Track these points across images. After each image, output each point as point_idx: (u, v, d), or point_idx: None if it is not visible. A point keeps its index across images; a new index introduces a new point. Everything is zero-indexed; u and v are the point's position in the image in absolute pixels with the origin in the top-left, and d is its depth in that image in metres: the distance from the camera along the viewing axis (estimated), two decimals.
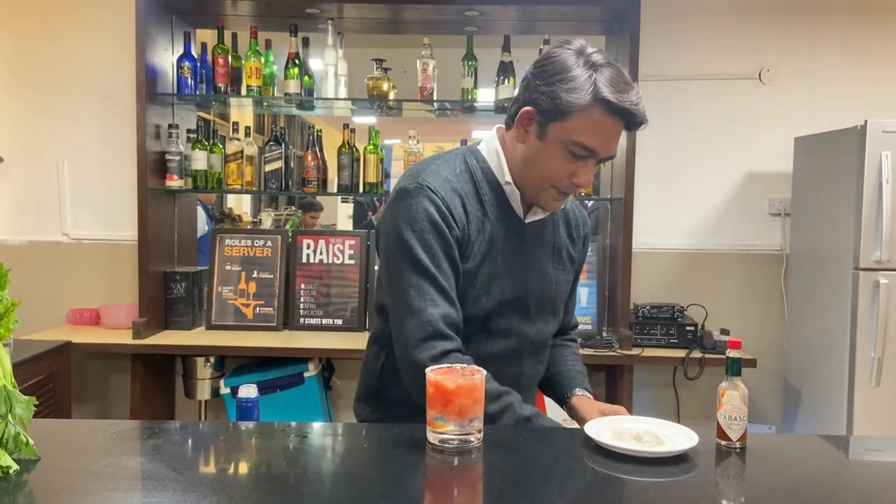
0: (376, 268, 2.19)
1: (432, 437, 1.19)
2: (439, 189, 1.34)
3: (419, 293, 1.31)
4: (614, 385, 2.96)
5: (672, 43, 3.14)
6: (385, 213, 1.41)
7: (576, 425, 1.44)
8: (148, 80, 2.84)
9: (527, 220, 1.45)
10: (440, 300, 1.31)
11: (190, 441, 1.29)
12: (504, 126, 1.44)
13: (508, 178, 1.41)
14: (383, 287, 1.42)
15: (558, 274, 1.51)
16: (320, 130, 3.13)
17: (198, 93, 3.00)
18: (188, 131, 3.05)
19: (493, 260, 1.40)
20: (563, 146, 1.31)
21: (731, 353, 1.24)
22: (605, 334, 2.98)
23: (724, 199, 3.18)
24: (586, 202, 3.43)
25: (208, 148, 3.02)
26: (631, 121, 1.31)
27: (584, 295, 3.03)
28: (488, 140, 1.46)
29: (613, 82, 1.28)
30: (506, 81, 2.92)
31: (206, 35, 3.30)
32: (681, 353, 2.78)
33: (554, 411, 2.87)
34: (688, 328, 2.84)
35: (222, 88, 2.98)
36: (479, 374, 1.22)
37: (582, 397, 1.51)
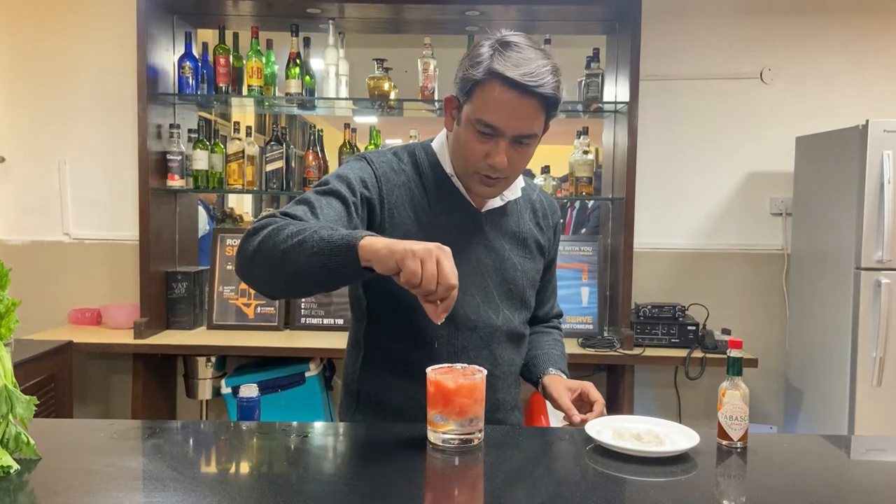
0: None
1: (433, 436, 1.19)
2: (381, 161, 1.40)
3: (297, 202, 1.28)
4: (615, 385, 2.95)
5: (673, 42, 3.14)
6: None
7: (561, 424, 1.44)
8: (149, 80, 2.84)
9: (483, 210, 1.45)
10: (298, 208, 1.26)
11: (191, 441, 1.29)
12: None
13: (450, 169, 1.43)
14: None
15: (524, 262, 1.50)
16: (321, 130, 3.13)
17: (199, 93, 3.00)
18: (189, 131, 3.05)
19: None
20: (471, 126, 1.32)
21: (733, 353, 1.24)
22: (606, 334, 2.98)
23: (725, 198, 3.18)
24: (587, 202, 3.43)
25: (209, 148, 3.02)
26: (534, 95, 1.27)
27: (585, 294, 3.03)
28: (440, 134, 1.47)
29: (512, 57, 1.27)
30: None
31: (208, 35, 3.30)
32: (682, 353, 2.77)
33: (555, 411, 2.87)
34: (689, 328, 2.84)
35: (223, 88, 2.98)
36: (479, 374, 1.22)
37: (553, 376, 1.51)
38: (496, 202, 1.46)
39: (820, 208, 2.82)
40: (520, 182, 1.50)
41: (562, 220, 1.64)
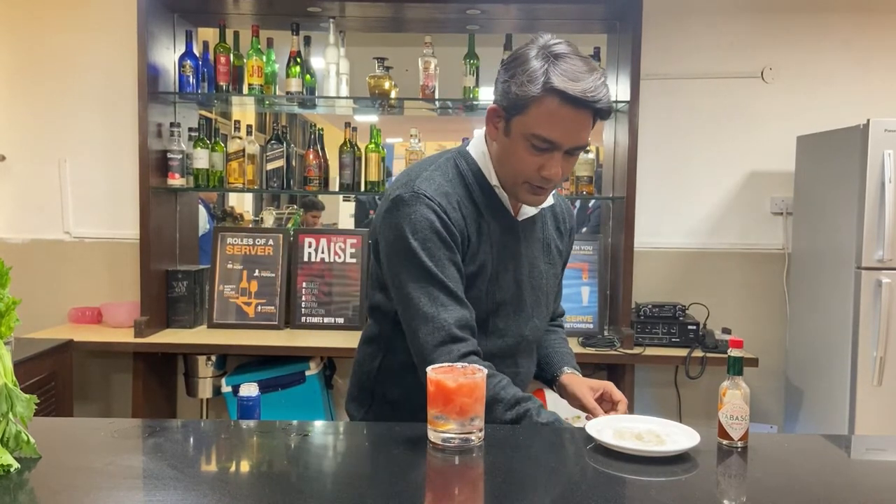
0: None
1: (433, 435, 1.19)
2: (435, 196, 1.35)
3: (430, 299, 1.32)
4: (616, 384, 2.92)
5: (674, 41, 3.13)
6: (382, 221, 1.39)
7: (582, 423, 1.44)
8: (150, 78, 2.84)
9: (519, 219, 1.46)
10: (451, 304, 1.32)
11: (191, 439, 1.29)
12: None
13: (495, 180, 1.42)
14: (393, 298, 1.40)
15: (549, 269, 1.53)
16: (322, 129, 3.13)
17: (199, 91, 3.00)
18: (190, 130, 3.05)
19: (493, 261, 1.42)
20: (525, 140, 1.31)
21: (733, 353, 1.24)
22: (606, 333, 2.97)
23: (725, 197, 3.18)
24: (587, 201, 3.43)
25: (210, 146, 3.02)
26: (590, 109, 1.28)
27: (586, 294, 3.03)
28: (476, 142, 1.46)
29: (568, 71, 1.26)
30: None
31: (208, 34, 3.29)
32: (682, 353, 2.77)
33: (557, 409, 2.87)
34: (689, 327, 2.84)
35: (224, 87, 2.97)
36: (479, 373, 1.22)
37: (571, 375, 1.54)
38: (531, 211, 1.46)
39: (821, 208, 2.82)
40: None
41: (587, 216, 1.67)
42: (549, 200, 1.49)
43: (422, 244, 1.32)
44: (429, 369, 1.21)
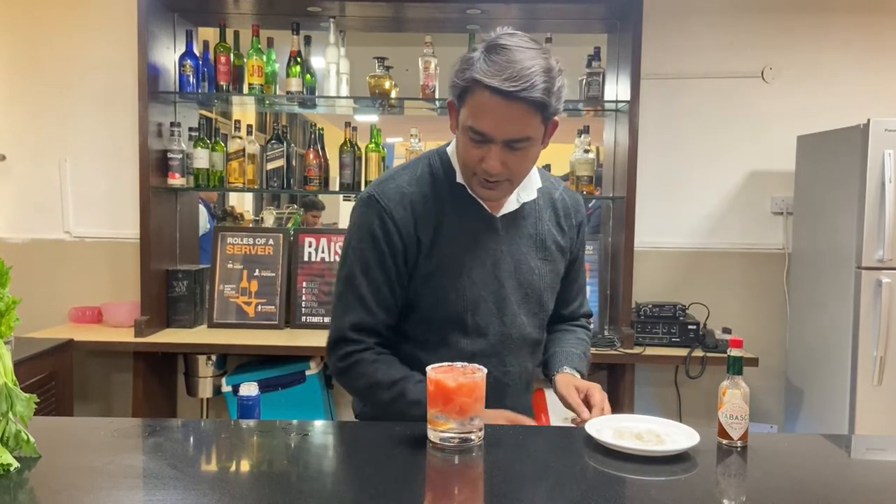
0: None
1: (433, 435, 1.19)
2: (388, 198, 1.40)
3: (340, 302, 1.43)
4: (616, 384, 2.95)
5: (675, 41, 3.13)
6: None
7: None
8: (150, 78, 2.84)
9: (499, 214, 1.44)
10: (355, 308, 1.41)
11: (191, 439, 1.29)
12: None
13: (460, 175, 1.42)
14: None
15: (543, 265, 1.49)
16: (322, 129, 3.13)
17: (200, 91, 3.00)
18: (190, 129, 3.05)
19: (459, 258, 1.41)
20: (465, 132, 1.32)
21: (733, 352, 1.24)
22: (606, 333, 2.97)
23: (726, 197, 3.18)
24: (588, 201, 3.43)
25: (210, 146, 3.02)
26: (522, 101, 1.24)
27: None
28: (455, 138, 1.46)
29: (497, 62, 1.24)
30: None
31: (209, 33, 3.29)
32: (682, 352, 2.77)
33: (556, 409, 2.87)
34: (689, 327, 2.84)
35: (224, 87, 2.97)
36: (479, 373, 1.22)
37: (565, 374, 1.49)
38: (512, 205, 1.45)
39: (821, 207, 2.82)
40: (535, 182, 1.48)
41: (585, 216, 1.60)
42: (531, 194, 1.46)
43: (357, 246, 1.41)
44: (428, 369, 1.22)
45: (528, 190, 1.46)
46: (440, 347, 1.42)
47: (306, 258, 3.11)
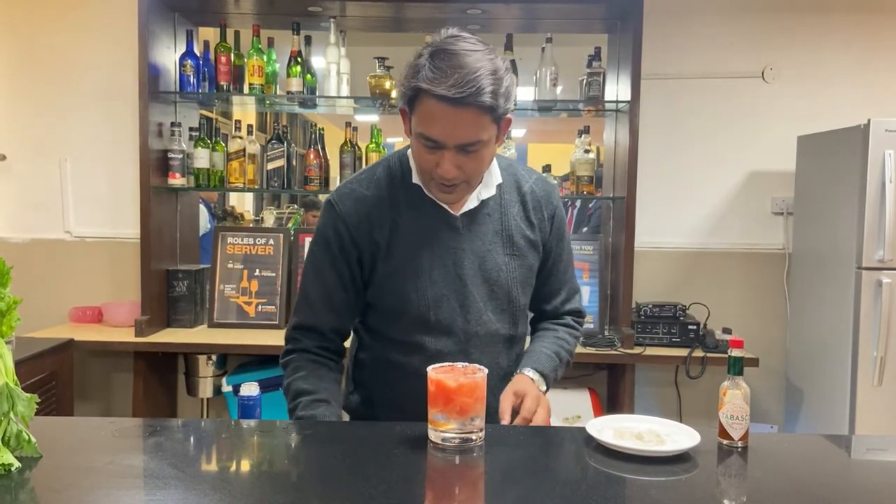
0: None
1: (434, 435, 1.19)
2: (344, 203, 1.43)
3: (297, 303, 1.51)
4: (616, 384, 2.96)
5: (675, 41, 3.13)
6: None
7: (580, 424, 1.45)
8: (150, 78, 2.84)
9: (460, 212, 1.44)
10: (302, 309, 1.49)
11: (192, 439, 1.29)
12: None
13: (416, 177, 1.43)
14: None
15: (510, 261, 1.47)
16: (322, 129, 3.13)
17: (200, 91, 3.00)
18: (190, 129, 3.05)
19: (417, 258, 1.41)
20: (417, 138, 1.33)
21: (734, 352, 1.24)
22: (606, 333, 2.97)
23: (726, 197, 3.18)
24: (588, 201, 3.43)
25: (211, 146, 3.02)
26: (470, 105, 1.23)
27: (586, 294, 3.03)
28: None
29: (440, 68, 1.24)
30: None
31: (209, 33, 3.30)
32: (683, 352, 2.77)
33: (556, 409, 2.87)
34: (690, 327, 2.84)
35: (225, 86, 2.97)
36: (480, 373, 1.22)
37: (521, 375, 1.46)
38: (472, 203, 1.44)
39: (821, 208, 2.82)
40: (495, 178, 1.47)
41: (560, 207, 1.56)
42: (490, 190, 1.45)
43: (312, 249, 1.47)
44: (429, 369, 1.22)
45: (488, 186, 1.46)
46: (407, 346, 1.44)
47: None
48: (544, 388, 1.46)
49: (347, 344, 1.56)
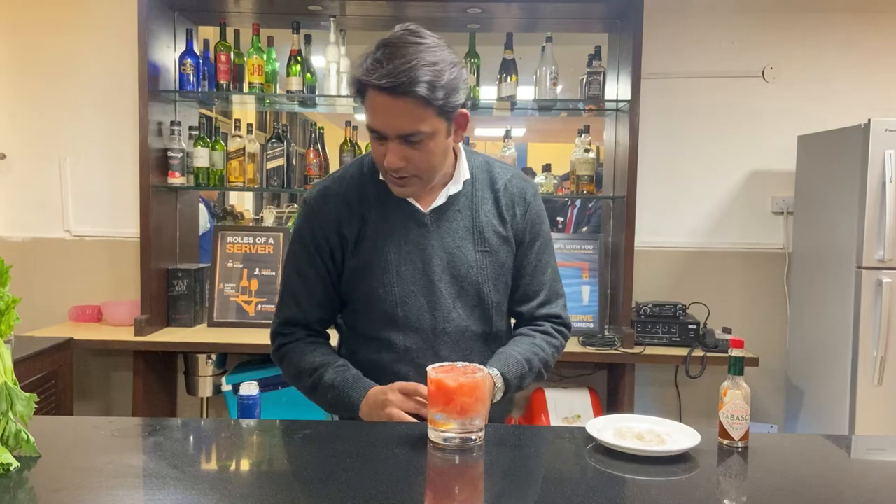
0: None
1: (434, 435, 1.19)
2: (316, 200, 1.47)
3: (278, 300, 1.55)
4: (616, 383, 2.95)
5: (675, 41, 3.13)
6: None
7: (580, 424, 1.44)
8: (150, 76, 2.84)
9: (429, 209, 1.44)
10: (288, 304, 1.51)
11: (191, 438, 1.29)
12: None
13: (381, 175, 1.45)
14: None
15: (482, 257, 1.45)
16: (322, 128, 3.13)
17: (200, 90, 3.00)
18: (190, 128, 3.05)
19: (385, 254, 1.43)
20: (368, 131, 1.36)
21: (734, 352, 1.24)
22: (606, 332, 2.97)
23: (726, 197, 3.18)
24: (588, 201, 3.43)
25: (210, 145, 3.02)
26: (406, 95, 1.25)
27: (586, 293, 3.03)
28: None
29: (377, 59, 1.27)
30: (508, 79, 2.92)
31: (209, 32, 3.29)
32: (683, 352, 2.77)
33: (556, 409, 2.87)
34: (690, 327, 2.84)
35: (224, 85, 2.97)
36: (480, 373, 1.22)
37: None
38: (440, 199, 1.45)
39: (821, 207, 2.82)
40: (463, 174, 1.47)
41: (537, 206, 1.53)
42: (457, 186, 1.45)
43: (291, 248, 1.51)
44: (429, 369, 1.22)
45: (455, 182, 1.46)
46: (377, 343, 1.46)
47: None
48: (501, 392, 1.40)
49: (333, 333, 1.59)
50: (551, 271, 1.56)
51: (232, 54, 2.98)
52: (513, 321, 1.60)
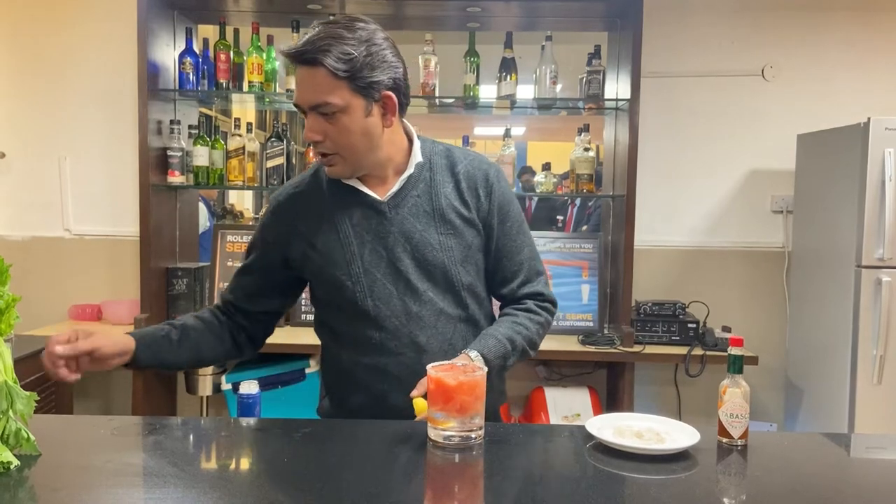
0: None
1: (434, 433, 1.19)
2: (277, 199, 1.53)
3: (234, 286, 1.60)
4: (615, 382, 2.95)
5: (675, 40, 3.13)
6: None
7: (579, 422, 1.44)
8: (150, 75, 2.84)
9: (386, 197, 1.44)
10: (234, 278, 1.59)
11: (191, 437, 1.29)
12: None
13: None
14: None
15: (446, 239, 1.44)
16: None
17: (199, 89, 3.00)
18: (190, 127, 3.05)
19: (347, 246, 1.43)
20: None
21: (733, 351, 1.24)
22: (606, 331, 2.97)
23: (726, 196, 3.18)
24: (587, 200, 3.43)
25: (210, 144, 3.01)
26: (309, 63, 1.32)
27: (586, 292, 3.03)
28: None
29: (305, 35, 1.34)
30: (508, 78, 2.91)
31: (208, 31, 3.29)
32: (682, 351, 2.77)
33: (556, 408, 2.87)
34: (689, 325, 2.84)
35: (224, 84, 2.97)
36: (479, 371, 1.22)
37: (461, 356, 1.37)
38: (395, 186, 1.45)
39: (821, 206, 2.82)
40: (415, 157, 1.47)
41: (501, 187, 1.51)
42: (409, 169, 1.45)
43: (253, 235, 1.57)
44: (429, 367, 1.22)
45: (408, 167, 1.47)
46: (354, 337, 1.46)
47: None
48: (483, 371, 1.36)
49: (249, 325, 1.63)
50: (528, 250, 1.54)
51: (231, 53, 2.98)
52: (498, 305, 1.59)
